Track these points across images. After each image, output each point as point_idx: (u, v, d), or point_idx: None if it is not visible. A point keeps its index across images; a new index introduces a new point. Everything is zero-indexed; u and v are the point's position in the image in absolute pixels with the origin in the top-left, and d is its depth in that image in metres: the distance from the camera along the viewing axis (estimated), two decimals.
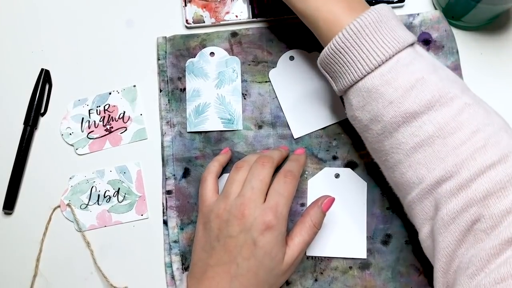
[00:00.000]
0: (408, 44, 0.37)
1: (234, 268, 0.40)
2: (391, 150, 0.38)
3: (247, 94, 0.50)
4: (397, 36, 0.37)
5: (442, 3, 0.49)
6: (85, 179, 0.50)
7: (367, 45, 0.37)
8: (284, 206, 0.41)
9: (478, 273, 0.32)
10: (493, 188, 0.33)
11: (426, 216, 0.37)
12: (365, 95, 0.37)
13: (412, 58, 0.37)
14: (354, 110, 0.39)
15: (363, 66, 0.37)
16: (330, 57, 0.39)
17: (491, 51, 0.49)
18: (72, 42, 0.53)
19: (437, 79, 0.36)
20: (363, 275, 0.47)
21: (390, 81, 0.36)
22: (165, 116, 0.50)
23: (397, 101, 0.36)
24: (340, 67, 0.38)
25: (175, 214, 0.49)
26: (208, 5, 0.52)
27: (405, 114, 0.36)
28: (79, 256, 0.49)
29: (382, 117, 0.37)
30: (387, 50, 0.36)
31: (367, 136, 0.40)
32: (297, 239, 0.42)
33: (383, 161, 0.40)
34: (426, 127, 0.36)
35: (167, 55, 0.51)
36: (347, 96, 0.40)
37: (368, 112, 0.38)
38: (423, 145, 0.36)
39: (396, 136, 0.37)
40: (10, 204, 0.50)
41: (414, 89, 0.36)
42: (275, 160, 0.45)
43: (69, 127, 0.51)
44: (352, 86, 0.38)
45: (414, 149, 0.36)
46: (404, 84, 0.36)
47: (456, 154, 0.35)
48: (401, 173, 0.38)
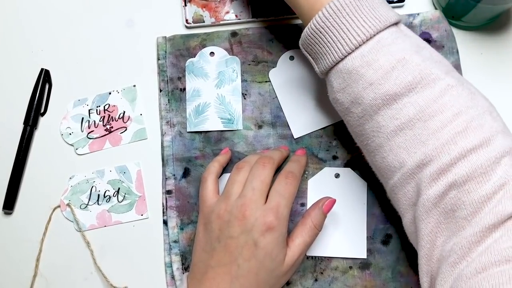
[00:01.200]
0: (390, 24, 0.36)
1: (234, 269, 0.40)
2: (372, 134, 0.37)
3: (247, 94, 0.50)
4: (378, 15, 0.36)
5: (442, 3, 0.49)
6: (85, 179, 0.50)
7: (348, 24, 0.36)
8: (285, 207, 0.41)
9: (460, 261, 0.31)
10: (473, 173, 0.32)
11: (409, 202, 0.36)
12: (346, 76, 0.36)
13: (395, 37, 0.36)
14: (335, 93, 0.38)
15: (343, 46, 0.36)
16: (310, 37, 0.38)
17: (491, 51, 0.49)
18: (72, 42, 0.53)
19: (420, 60, 0.35)
20: (363, 275, 0.47)
21: (371, 62, 0.35)
22: (165, 116, 0.50)
23: (377, 83, 0.35)
24: (320, 48, 0.37)
25: (175, 214, 0.49)
26: (208, 5, 0.52)
27: (385, 96, 0.35)
28: (79, 256, 0.49)
29: (362, 99, 0.36)
30: (368, 30, 0.35)
31: (349, 119, 0.39)
32: (298, 240, 0.42)
33: (364, 145, 0.39)
34: (407, 109, 0.35)
35: (167, 55, 0.51)
36: (328, 78, 0.39)
37: (348, 94, 0.37)
38: (404, 128, 0.35)
39: (376, 119, 0.36)
40: (10, 204, 0.50)
41: (394, 70, 0.35)
42: (276, 160, 0.45)
43: (69, 127, 0.51)
44: (333, 67, 0.37)
45: (395, 133, 0.35)
46: (385, 65, 0.35)
47: (436, 138, 0.34)
48: (382, 157, 0.37)
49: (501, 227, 0.31)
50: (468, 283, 0.30)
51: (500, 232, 0.31)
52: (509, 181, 0.32)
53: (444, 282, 0.32)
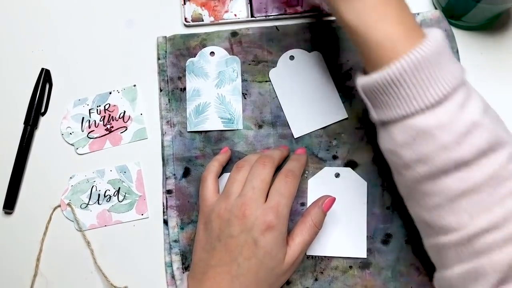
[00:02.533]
0: (463, 80, 0.34)
1: (235, 268, 0.40)
2: (432, 193, 0.35)
3: (247, 94, 0.50)
4: (454, 71, 0.34)
5: (442, 3, 0.49)
6: (85, 178, 0.50)
7: (426, 81, 0.33)
8: (285, 206, 0.41)
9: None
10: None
11: (459, 260, 0.35)
12: (415, 134, 0.34)
13: (467, 96, 0.34)
14: (397, 146, 0.35)
15: (418, 103, 0.33)
16: (379, 86, 0.35)
17: (491, 51, 0.49)
18: (72, 42, 0.53)
19: (489, 122, 0.34)
20: (363, 274, 0.47)
21: (446, 123, 0.33)
22: (165, 116, 0.50)
23: (451, 147, 0.33)
24: (389, 99, 0.35)
25: (175, 214, 0.49)
26: (207, 4, 0.52)
27: (458, 161, 0.33)
28: (79, 255, 0.49)
29: (431, 160, 0.34)
30: (446, 88, 0.33)
31: (405, 173, 0.36)
32: (298, 239, 0.42)
33: (417, 200, 0.37)
34: (476, 174, 0.33)
35: (167, 54, 0.51)
36: (388, 128, 0.36)
37: (414, 152, 0.35)
38: (470, 192, 0.33)
39: (442, 180, 0.34)
40: (10, 203, 0.50)
41: (470, 134, 0.33)
42: (276, 159, 0.45)
43: (69, 127, 0.51)
44: (399, 120, 0.35)
45: (460, 196, 0.34)
46: (461, 128, 0.33)
47: (504, 206, 0.33)
48: (439, 216, 0.35)
49: None
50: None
51: None
52: None
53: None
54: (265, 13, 0.51)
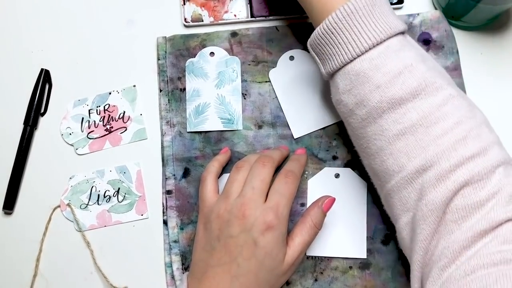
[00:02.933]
0: (399, 31, 0.37)
1: (234, 268, 0.40)
2: (373, 137, 0.38)
3: (247, 94, 0.50)
4: (389, 22, 0.37)
5: (442, 3, 0.49)
6: (85, 179, 0.50)
7: (359, 28, 0.36)
8: (285, 206, 0.41)
9: (449, 265, 0.32)
10: (471, 180, 0.33)
11: (404, 207, 0.37)
12: (353, 78, 0.37)
13: (402, 45, 0.37)
14: (340, 94, 0.39)
15: (353, 49, 0.37)
16: (320, 38, 0.38)
17: (491, 51, 0.49)
18: (72, 42, 0.53)
19: (425, 68, 0.36)
20: (363, 275, 0.47)
21: (379, 65, 0.36)
22: (165, 116, 0.50)
23: (384, 86, 0.36)
24: (330, 49, 0.38)
25: (175, 214, 0.49)
26: (206, 4, 0.52)
27: (391, 100, 0.36)
28: (79, 256, 0.49)
29: (368, 101, 0.37)
30: (379, 34, 0.36)
31: (351, 121, 0.39)
32: (298, 239, 0.42)
33: (364, 148, 0.40)
34: (410, 114, 0.36)
35: (167, 55, 0.51)
36: (334, 79, 0.39)
37: (354, 96, 0.38)
38: (406, 133, 0.36)
39: (379, 122, 0.37)
40: (10, 204, 0.50)
41: (401, 75, 0.36)
42: (276, 160, 0.45)
43: (69, 127, 0.51)
44: (340, 69, 0.38)
45: (397, 137, 0.36)
46: (393, 69, 0.36)
47: (437, 144, 0.35)
48: (382, 161, 0.38)
49: (491, 233, 0.32)
50: (457, 285, 0.31)
51: (489, 237, 0.32)
52: (502, 189, 0.33)
53: (432, 285, 0.33)
54: (265, 13, 0.51)
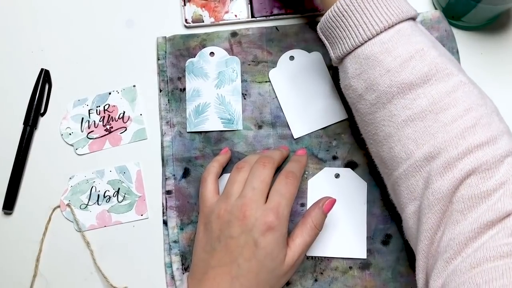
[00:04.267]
0: (410, 16, 0.37)
1: (235, 269, 0.40)
2: (382, 123, 0.37)
3: (247, 94, 0.50)
4: (401, 6, 0.37)
5: (442, 3, 0.49)
6: (85, 179, 0.50)
7: (371, 11, 0.36)
8: (285, 207, 0.41)
9: (455, 257, 0.32)
10: (478, 169, 0.33)
11: (411, 195, 0.36)
12: (363, 62, 0.37)
13: (413, 30, 0.37)
14: (350, 78, 0.38)
15: (364, 32, 0.36)
16: (331, 20, 0.38)
17: (491, 51, 0.49)
18: (72, 42, 0.53)
19: (436, 54, 0.36)
20: (363, 275, 0.47)
21: (390, 49, 0.36)
22: (165, 116, 0.50)
23: (394, 70, 0.36)
24: (340, 32, 0.38)
25: (175, 214, 0.49)
26: (207, 5, 0.52)
27: (401, 84, 0.35)
28: (79, 256, 0.49)
29: (377, 85, 0.36)
30: (390, 18, 0.36)
31: (360, 107, 0.39)
32: (298, 240, 0.42)
33: (372, 135, 0.39)
34: (420, 100, 0.35)
35: (167, 55, 0.51)
36: (343, 64, 0.39)
37: (364, 80, 0.37)
38: (415, 119, 0.35)
39: (389, 107, 0.36)
40: (10, 204, 0.50)
41: (412, 59, 0.35)
42: (276, 160, 0.45)
43: (69, 127, 0.51)
44: (350, 52, 0.38)
45: (405, 123, 0.36)
46: (404, 53, 0.36)
47: (446, 131, 0.34)
48: (390, 148, 0.37)
49: (498, 224, 0.31)
50: (462, 277, 0.30)
51: (496, 229, 0.31)
52: (510, 180, 0.32)
53: (437, 278, 0.32)
54: (265, 13, 0.51)
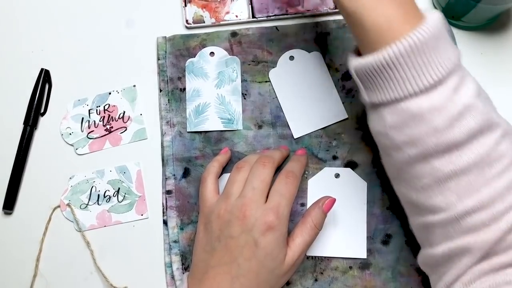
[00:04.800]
0: (459, 63, 0.34)
1: (235, 268, 0.40)
2: (421, 175, 0.35)
3: (247, 94, 0.50)
4: (451, 55, 0.33)
5: (442, 3, 0.49)
6: (85, 179, 0.50)
7: (422, 64, 0.33)
8: (285, 207, 0.41)
9: (474, 281, 0.33)
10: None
11: (445, 238, 0.35)
12: (407, 117, 0.34)
13: (461, 80, 0.34)
14: (387, 128, 0.35)
15: (412, 86, 0.33)
16: (374, 68, 0.34)
17: (491, 51, 0.49)
18: (72, 42, 0.53)
19: (482, 105, 0.33)
20: (363, 275, 0.47)
21: (439, 107, 0.33)
22: (165, 116, 0.50)
23: (442, 130, 0.33)
24: (382, 81, 0.34)
25: (175, 214, 0.49)
26: (208, 5, 0.52)
27: (449, 143, 0.33)
28: (79, 256, 0.49)
29: (422, 142, 0.34)
30: (441, 72, 0.33)
31: (395, 155, 0.36)
32: (298, 240, 0.42)
33: (405, 180, 0.37)
34: (466, 156, 0.33)
35: (167, 55, 0.51)
36: (379, 110, 0.36)
37: (405, 135, 0.34)
38: (459, 174, 0.33)
39: (432, 162, 0.34)
40: (10, 204, 0.50)
41: (462, 117, 0.33)
42: (276, 160, 0.45)
43: (69, 127, 0.51)
44: (391, 103, 0.34)
45: (449, 177, 0.34)
46: (453, 112, 0.33)
47: (492, 187, 0.33)
48: (428, 197, 0.35)
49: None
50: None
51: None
52: None
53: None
54: (266, 14, 0.51)
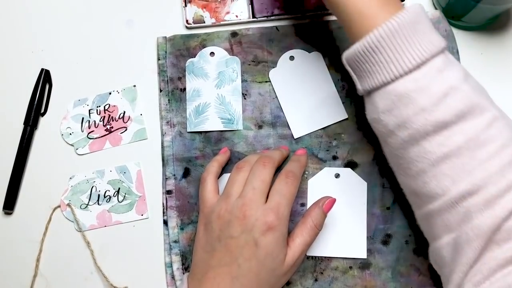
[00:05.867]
0: (442, 48, 0.36)
1: (235, 268, 0.40)
2: (415, 159, 0.36)
3: (247, 94, 0.50)
4: (432, 40, 0.35)
5: (442, 3, 0.49)
6: (85, 179, 0.50)
7: (403, 47, 0.35)
8: (285, 207, 0.41)
9: (484, 281, 0.32)
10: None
11: (446, 228, 0.36)
12: (395, 99, 0.35)
13: (446, 64, 0.35)
14: (380, 113, 0.37)
15: (396, 68, 0.35)
16: (360, 54, 0.36)
17: (491, 51, 0.49)
18: (72, 42, 0.53)
19: (470, 88, 0.35)
20: (363, 275, 0.47)
21: (424, 87, 0.34)
22: (165, 116, 0.50)
23: (429, 109, 0.34)
24: (370, 66, 0.36)
25: (175, 214, 0.49)
26: (208, 5, 0.52)
27: (436, 122, 0.34)
28: (79, 256, 0.49)
29: (411, 123, 0.35)
30: (423, 54, 0.35)
31: (390, 141, 0.38)
32: (298, 240, 0.42)
33: (403, 169, 0.38)
34: (456, 137, 0.34)
35: (167, 55, 0.51)
36: (371, 97, 0.38)
37: (395, 117, 0.36)
38: (451, 156, 0.34)
39: (423, 144, 0.35)
40: (10, 204, 0.50)
41: (447, 97, 0.34)
42: (276, 160, 0.45)
43: (69, 127, 0.51)
44: (380, 87, 0.36)
45: (441, 159, 0.35)
46: (438, 91, 0.34)
47: (484, 168, 0.34)
48: (424, 182, 0.36)
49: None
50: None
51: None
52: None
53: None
54: (266, 14, 0.51)
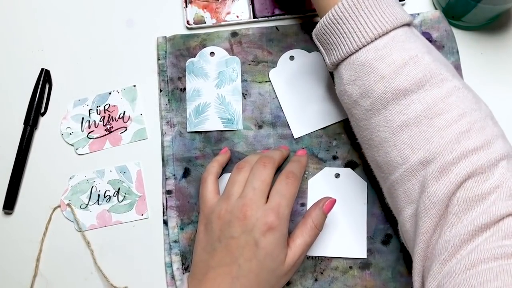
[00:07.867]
0: (405, 22, 0.37)
1: (235, 269, 0.40)
2: (377, 128, 0.38)
3: (247, 94, 0.50)
4: (395, 13, 0.37)
5: (442, 3, 0.49)
6: (85, 179, 0.50)
7: (365, 18, 0.36)
8: (286, 207, 0.41)
9: (450, 259, 0.32)
10: (473, 173, 0.33)
11: (408, 199, 0.37)
12: (358, 69, 0.37)
13: (408, 36, 0.37)
14: (345, 84, 0.39)
15: (359, 39, 0.37)
16: (326, 28, 0.38)
17: (491, 51, 0.49)
18: (72, 42, 0.53)
19: (431, 59, 0.36)
20: (363, 275, 0.47)
21: (384, 56, 0.36)
22: (165, 116, 0.50)
23: (389, 77, 0.36)
24: (335, 39, 0.38)
25: (175, 214, 0.49)
26: (209, 6, 0.52)
27: (396, 90, 0.36)
28: (79, 256, 0.49)
29: (372, 92, 0.37)
30: (385, 25, 0.36)
31: (355, 112, 0.39)
32: (299, 240, 0.42)
33: (367, 140, 0.39)
34: (415, 106, 0.35)
35: (167, 55, 0.51)
36: (338, 70, 0.39)
37: (358, 87, 0.38)
38: (410, 124, 0.36)
39: (384, 113, 0.37)
40: (10, 204, 0.50)
41: (407, 66, 0.36)
42: (276, 160, 0.45)
43: (69, 127, 0.51)
44: (345, 59, 0.38)
45: (401, 128, 0.36)
46: (398, 60, 0.36)
47: (441, 136, 0.35)
48: (386, 152, 0.38)
49: (492, 227, 0.32)
50: (457, 279, 0.31)
51: (490, 231, 0.32)
52: (504, 183, 0.33)
53: (433, 280, 0.33)
54: (267, 14, 0.51)
